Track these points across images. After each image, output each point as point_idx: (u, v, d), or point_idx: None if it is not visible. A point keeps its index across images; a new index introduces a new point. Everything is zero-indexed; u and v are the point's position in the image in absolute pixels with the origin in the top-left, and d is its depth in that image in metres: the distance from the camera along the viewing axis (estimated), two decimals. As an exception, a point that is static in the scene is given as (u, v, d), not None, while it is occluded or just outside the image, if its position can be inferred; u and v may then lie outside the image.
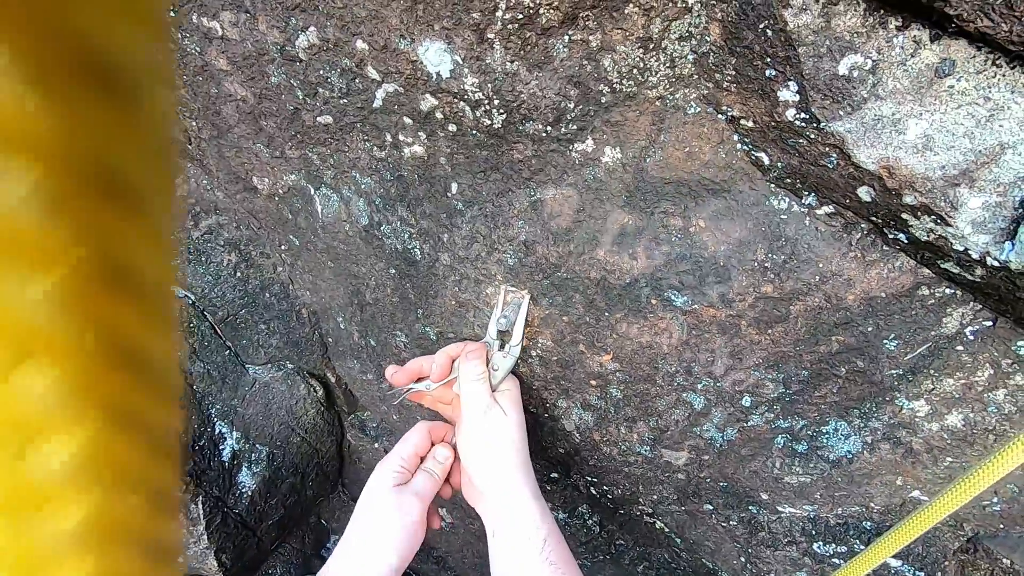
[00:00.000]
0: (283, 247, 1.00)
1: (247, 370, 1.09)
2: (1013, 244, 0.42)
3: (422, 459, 0.71)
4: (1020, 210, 0.42)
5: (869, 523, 0.72)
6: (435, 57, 0.57)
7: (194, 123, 0.85)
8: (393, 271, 0.81)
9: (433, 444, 0.72)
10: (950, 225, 0.44)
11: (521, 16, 0.51)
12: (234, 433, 1.04)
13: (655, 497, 0.85)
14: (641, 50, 0.52)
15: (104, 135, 0.10)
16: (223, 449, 1.03)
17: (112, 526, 0.11)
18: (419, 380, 0.73)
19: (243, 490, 1.04)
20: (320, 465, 1.18)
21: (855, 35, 0.42)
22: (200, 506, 0.97)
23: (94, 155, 0.10)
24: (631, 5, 0.49)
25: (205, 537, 0.98)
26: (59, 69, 0.09)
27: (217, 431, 1.03)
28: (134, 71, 0.10)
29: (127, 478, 0.12)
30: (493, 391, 0.68)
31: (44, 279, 0.10)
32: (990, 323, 0.52)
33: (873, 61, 0.42)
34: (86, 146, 0.10)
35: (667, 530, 0.92)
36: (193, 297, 1.03)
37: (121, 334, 0.11)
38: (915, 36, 0.41)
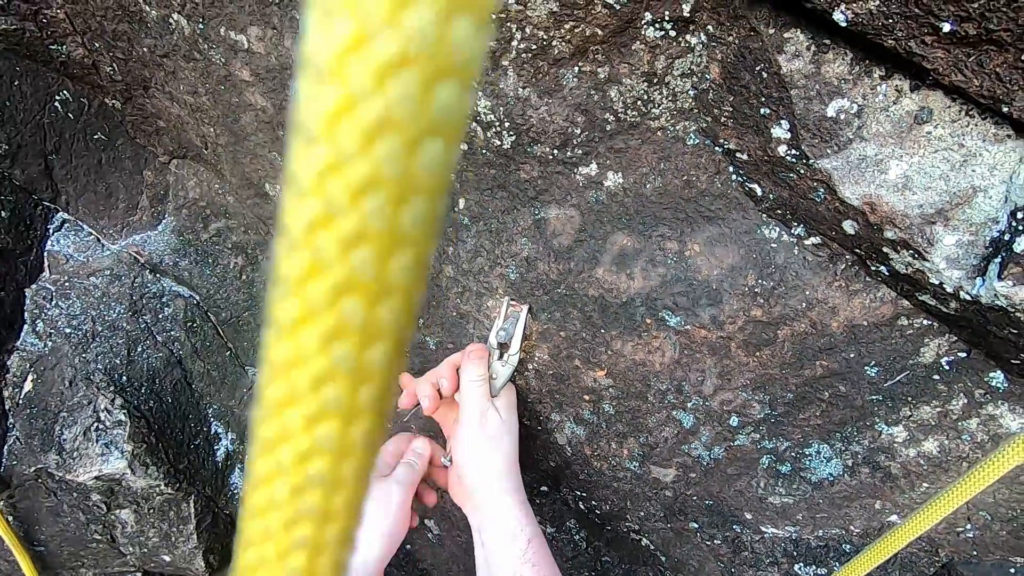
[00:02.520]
0: (290, 253, 1.02)
1: (247, 372, 1.10)
2: (983, 280, 0.45)
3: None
4: (990, 249, 0.45)
5: (849, 546, 0.74)
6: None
7: (212, 129, 0.88)
8: (397, 281, 0.84)
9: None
10: (927, 260, 0.48)
11: (535, 47, 0.55)
12: (229, 434, 1.05)
13: (642, 514, 0.87)
14: (646, 83, 0.55)
15: None
16: (217, 449, 1.04)
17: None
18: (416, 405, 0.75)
19: (235, 491, 1.05)
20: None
21: (843, 81, 0.46)
22: (191, 505, 0.97)
23: None
24: (638, 42, 0.53)
25: (195, 536, 0.98)
26: None
27: (213, 431, 1.04)
28: None
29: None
30: (493, 397, 0.70)
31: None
32: (965, 354, 0.55)
33: (859, 106, 0.46)
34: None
35: (652, 548, 0.93)
36: (198, 297, 1.05)
37: None
38: (897, 85, 0.44)
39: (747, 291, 0.61)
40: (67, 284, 0.98)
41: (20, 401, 0.92)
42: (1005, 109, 0.40)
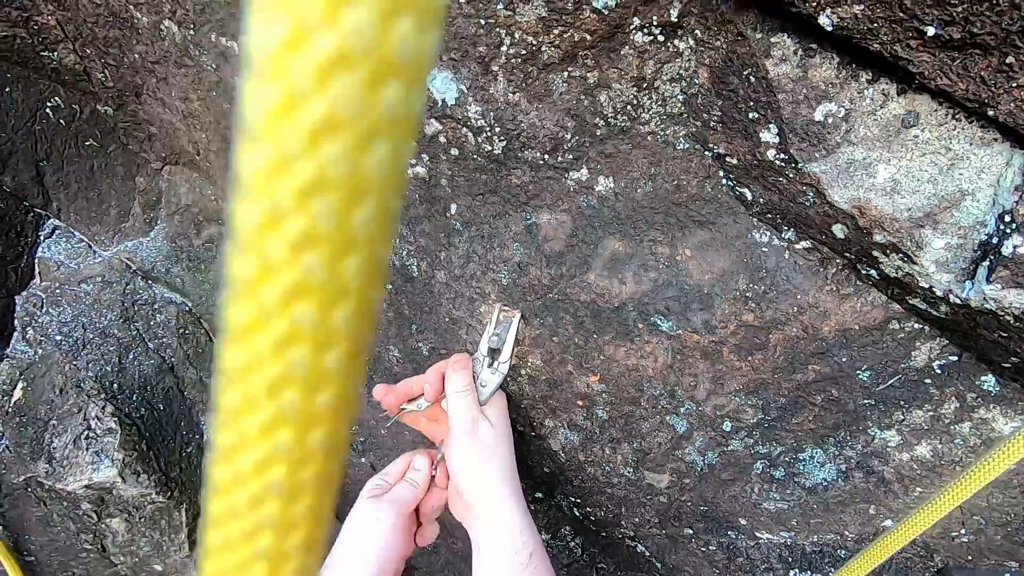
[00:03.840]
0: (282, 259, 1.02)
1: (239, 379, 1.09)
2: (972, 283, 0.45)
3: None
4: (979, 252, 0.45)
5: (844, 551, 0.73)
6: (442, 85, 0.60)
7: (204, 135, 0.88)
8: (390, 286, 0.83)
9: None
10: (916, 263, 0.48)
11: (524, 52, 0.55)
12: (222, 441, 1.05)
13: (637, 520, 0.86)
14: (635, 88, 0.55)
15: None
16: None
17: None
18: (410, 401, 0.74)
19: (227, 499, 1.04)
20: (305, 478, 1.18)
21: (830, 85, 0.46)
22: (183, 514, 0.97)
23: None
24: (627, 47, 0.53)
25: (187, 545, 0.97)
26: None
27: (205, 438, 1.03)
28: None
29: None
30: (481, 405, 0.70)
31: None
32: (956, 358, 0.55)
33: (846, 110, 0.46)
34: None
35: (648, 554, 0.93)
36: (190, 304, 1.05)
37: None
38: (884, 89, 0.44)
39: (739, 295, 0.61)
40: (58, 291, 0.97)
41: (10, 409, 0.92)
42: (991, 112, 0.40)
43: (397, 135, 0.12)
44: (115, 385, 0.94)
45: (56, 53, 0.87)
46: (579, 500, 0.89)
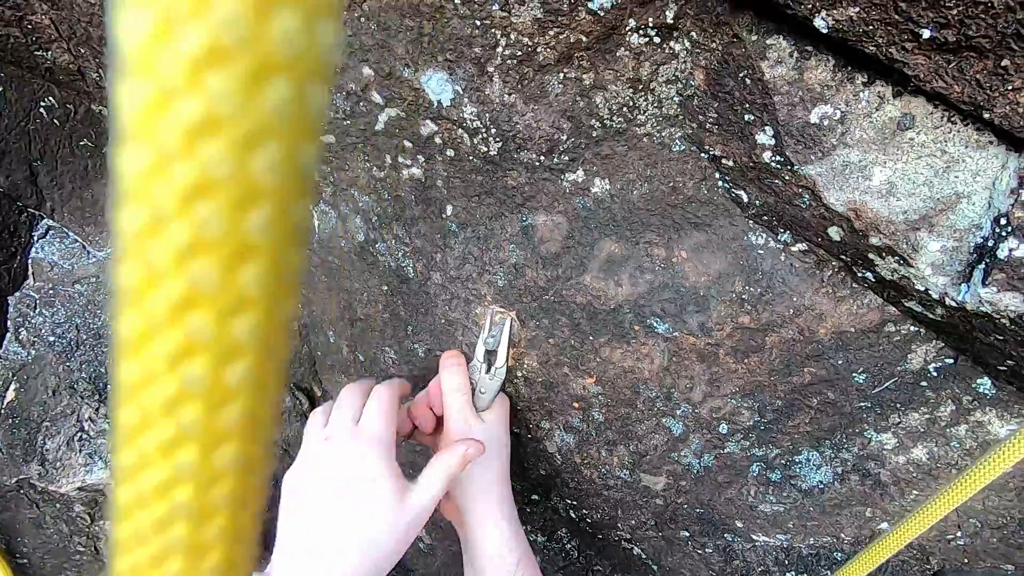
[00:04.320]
0: (278, 260, 1.01)
1: (234, 380, 1.09)
2: (968, 286, 0.45)
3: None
4: (974, 255, 0.45)
5: (840, 554, 0.73)
6: (437, 86, 0.60)
7: (199, 136, 0.88)
8: (385, 288, 0.83)
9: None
10: (912, 266, 0.47)
11: (520, 53, 0.54)
12: (217, 443, 1.04)
13: (633, 522, 0.86)
14: (631, 90, 0.55)
15: None
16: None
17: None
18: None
19: (222, 501, 1.03)
20: (301, 479, 1.18)
21: (825, 88, 0.45)
22: (177, 516, 0.96)
23: None
24: (622, 49, 0.53)
25: (180, 548, 0.97)
26: None
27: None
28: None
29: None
30: (483, 411, 0.70)
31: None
32: (952, 360, 0.55)
33: (842, 112, 0.46)
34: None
35: (644, 556, 0.93)
36: (185, 305, 1.04)
37: None
38: (879, 91, 0.44)
39: (735, 298, 0.60)
40: (51, 292, 0.97)
41: (2, 411, 0.91)
42: (986, 115, 0.40)
43: (290, 136, 0.11)
44: (109, 387, 0.94)
45: (50, 52, 0.86)
46: (575, 502, 0.89)
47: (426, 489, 0.56)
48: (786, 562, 0.77)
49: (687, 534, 0.83)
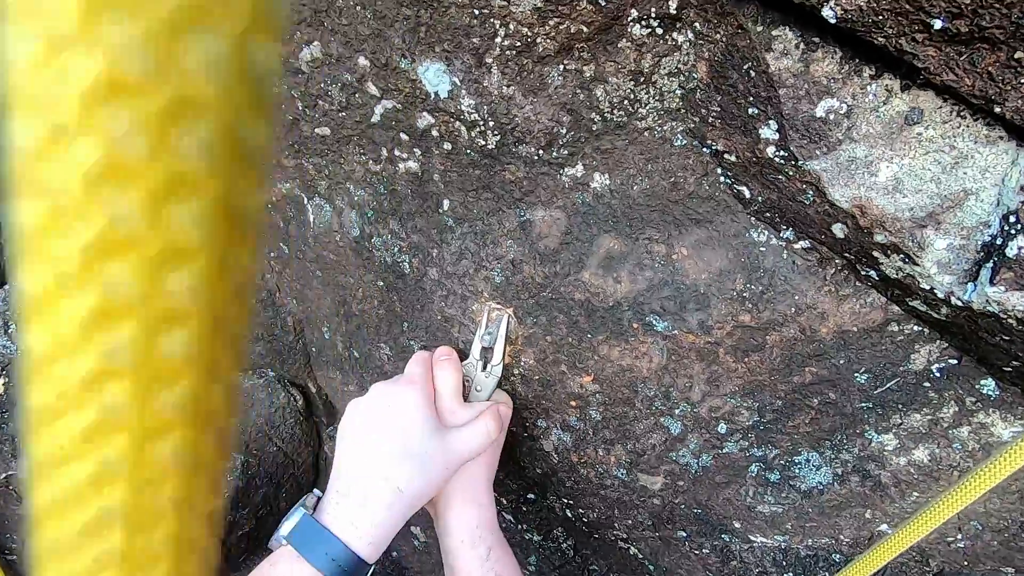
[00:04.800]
0: (272, 254, 1.00)
1: (227, 376, 1.08)
2: (975, 285, 0.44)
3: None
4: (982, 253, 0.44)
5: (839, 555, 0.72)
6: (434, 77, 0.58)
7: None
8: (381, 283, 0.82)
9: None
10: (917, 264, 0.46)
11: (519, 44, 0.53)
12: (209, 439, 1.03)
13: (630, 522, 0.85)
14: (632, 83, 0.54)
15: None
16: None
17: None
18: None
19: (214, 498, 1.02)
20: (295, 476, 1.17)
21: (832, 80, 0.44)
22: (169, 512, 0.95)
23: None
24: (624, 40, 0.52)
25: (172, 545, 0.96)
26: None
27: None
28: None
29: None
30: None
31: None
32: (955, 361, 0.54)
33: (848, 106, 0.44)
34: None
35: (641, 556, 0.92)
36: (178, 299, 1.03)
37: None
38: (887, 85, 0.43)
39: (735, 296, 0.59)
40: (42, 285, 0.95)
41: (-9, 405, 0.90)
42: (997, 110, 0.39)
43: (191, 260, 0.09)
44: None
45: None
46: (572, 501, 0.88)
47: (468, 434, 0.64)
48: (784, 563, 0.77)
49: (684, 534, 0.82)
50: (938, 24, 0.37)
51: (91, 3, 0.08)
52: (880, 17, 0.38)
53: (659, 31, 0.51)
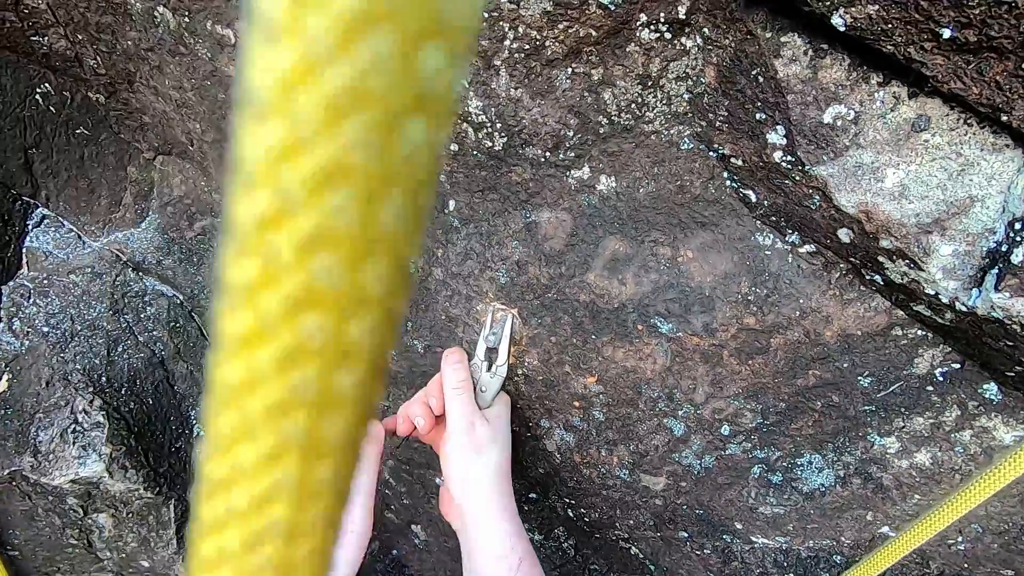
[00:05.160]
0: (276, 253, 1.00)
1: (230, 374, 1.08)
2: (980, 291, 0.45)
3: None
4: (987, 259, 0.44)
5: (840, 557, 0.73)
6: (442, 79, 0.59)
7: (198, 125, 0.87)
8: (386, 283, 0.82)
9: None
10: (922, 270, 0.47)
11: (528, 47, 0.53)
12: (212, 437, 1.03)
13: (631, 522, 0.86)
14: (640, 86, 0.54)
15: None
16: (200, 453, 1.01)
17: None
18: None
19: (217, 495, 1.02)
20: (297, 474, 1.17)
21: (840, 87, 0.45)
22: (172, 510, 0.95)
23: None
24: (632, 44, 0.52)
25: (175, 542, 0.96)
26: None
27: (195, 434, 1.01)
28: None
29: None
30: (484, 408, 0.69)
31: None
32: (958, 365, 0.55)
33: (856, 112, 0.45)
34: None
35: (642, 556, 0.92)
36: (182, 297, 1.03)
37: None
38: (895, 92, 0.43)
39: (740, 299, 0.60)
40: (46, 281, 0.95)
41: (-5, 401, 0.90)
42: (1004, 118, 0.39)
43: (417, 180, 0.10)
44: (103, 378, 0.93)
45: (47, 38, 0.84)
46: (574, 501, 0.88)
47: None
48: (785, 564, 0.77)
49: (686, 534, 0.82)
50: (947, 33, 0.37)
51: None
52: (889, 25, 0.38)
53: (668, 36, 0.51)
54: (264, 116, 0.10)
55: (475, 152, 0.63)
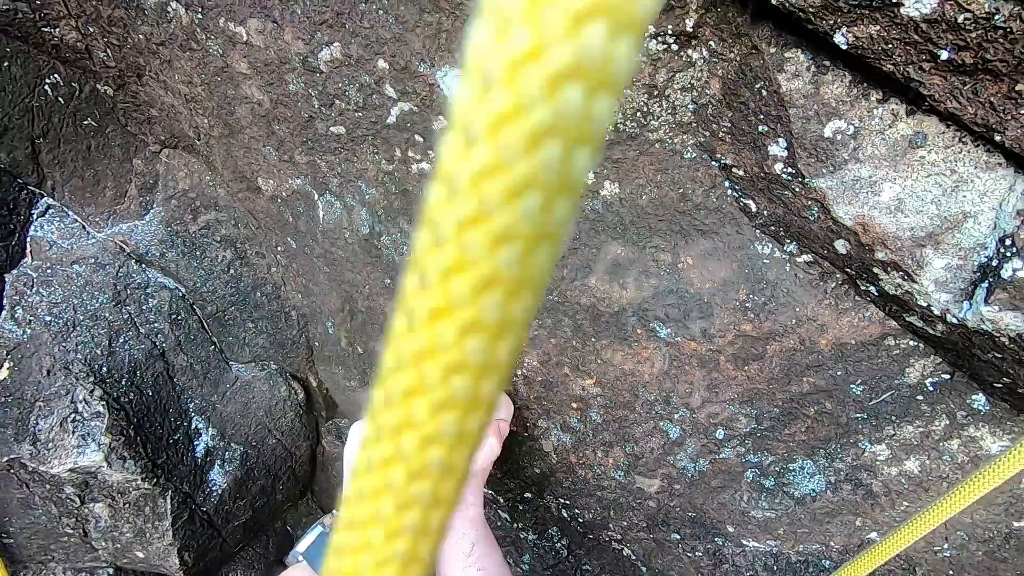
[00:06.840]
0: (279, 248, 1.01)
1: (230, 367, 1.09)
2: (971, 304, 0.46)
3: None
4: (978, 273, 0.46)
5: (828, 561, 0.74)
6: (453, 82, 0.60)
7: (206, 120, 0.87)
8: (388, 281, 0.83)
9: None
10: (916, 282, 0.48)
11: (538, 54, 0.55)
12: (210, 430, 1.04)
13: (625, 523, 0.87)
14: (646, 96, 0.56)
15: None
16: (197, 445, 1.02)
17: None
18: None
19: (213, 488, 1.03)
20: (293, 469, 1.18)
21: (840, 103, 0.46)
22: (168, 501, 0.96)
23: None
24: (640, 54, 0.53)
25: (170, 533, 0.96)
26: None
27: (193, 426, 1.02)
28: None
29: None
30: None
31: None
32: (948, 376, 0.56)
33: (855, 127, 0.46)
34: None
35: (634, 557, 0.93)
36: (184, 290, 1.04)
37: None
38: (893, 109, 0.45)
39: (738, 305, 0.61)
40: (49, 271, 0.96)
41: (-5, 389, 0.90)
42: (997, 138, 0.41)
43: (595, 143, 0.13)
44: (104, 369, 0.93)
45: (57, 29, 0.85)
46: (568, 501, 0.89)
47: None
48: (775, 568, 0.78)
49: (678, 536, 0.84)
50: (944, 55, 0.39)
51: None
52: (890, 45, 0.40)
53: (675, 47, 0.52)
54: (473, 143, 0.12)
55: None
